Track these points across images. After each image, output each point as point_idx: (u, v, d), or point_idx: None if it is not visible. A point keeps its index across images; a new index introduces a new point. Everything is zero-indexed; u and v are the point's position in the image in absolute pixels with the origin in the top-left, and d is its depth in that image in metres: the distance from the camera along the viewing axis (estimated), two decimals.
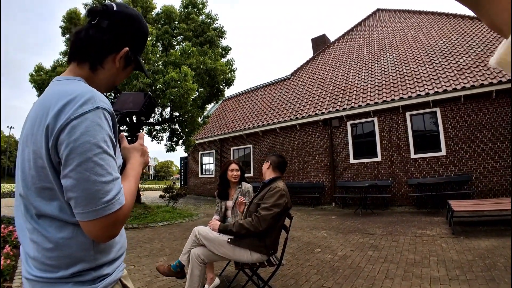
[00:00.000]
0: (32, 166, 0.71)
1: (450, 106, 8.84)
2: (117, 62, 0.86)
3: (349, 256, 4.20)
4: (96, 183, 0.67)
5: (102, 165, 0.68)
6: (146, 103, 1.00)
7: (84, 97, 0.70)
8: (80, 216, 0.68)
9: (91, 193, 0.66)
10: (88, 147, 0.66)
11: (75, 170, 0.65)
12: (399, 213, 8.14)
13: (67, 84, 0.77)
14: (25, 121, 0.79)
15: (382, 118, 10.14)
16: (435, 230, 5.62)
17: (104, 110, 0.72)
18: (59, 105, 0.68)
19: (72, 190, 0.66)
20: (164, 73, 8.73)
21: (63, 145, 0.66)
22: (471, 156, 8.34)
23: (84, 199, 0.66)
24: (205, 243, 2.51)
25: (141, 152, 0.94)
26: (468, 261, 3.69)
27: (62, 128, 0.66)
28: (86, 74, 0.82)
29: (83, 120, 0.67)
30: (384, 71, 11.81)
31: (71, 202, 0.68)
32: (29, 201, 0.73)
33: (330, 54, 16.68)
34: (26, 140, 0.74)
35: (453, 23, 12.96)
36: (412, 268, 3.56)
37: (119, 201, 0.71)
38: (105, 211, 0.68)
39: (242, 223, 2.42)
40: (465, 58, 9.80)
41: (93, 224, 0.68)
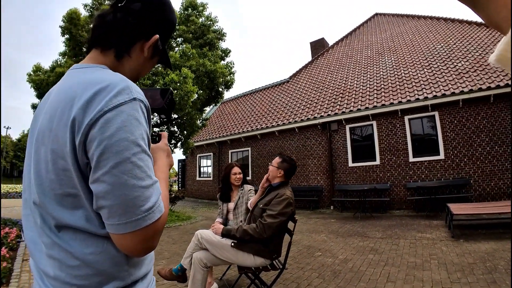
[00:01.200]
0: (51, 169, 0.60)
1: (449, 110, 8.89)
2: (145, 51, 0.76)
3: (350, 260, 4.19)
4: (135, 188, 0.57)
5: (141, 167, 0.58)
6: (169, 99, 0.92)
7: (118, 86, 0.60)
8: (115, 228, 0.57)
9: (129, 200, 0.56)
10: (125, 145, 0.56)
11: (110, 172, 0.55)
12: (398, 217, 8.15)
13: (92, 71, 0.66)
14: (36, 115, 0.70)
15: (381, 122, 10.17)
16: (434, 233, 5.63)
17: (141, 102, 0.62)
18: (88, 94, 0.58)
19: (105, 197, 0.56)
20: (164, 75, 8.73)
21: (94, 142, 0.55)
22: (470, 159, 8.38)
23: (120, 207, 0.56)
24: (208, 247, 2.49)
25: (167, 152, 0.86)
26: (469, 264, 3.70)
27: (93, 123, 0.56)
28: (110, 63, 0.73)
29: (118, 113, 0.57)
30: (382, 75, 11.87)
31: (102, 212, 0.58)
32: (47, 210, 0.61)
33: (329, 58, 16.75)
34: (42, 137, 0.62)
35: (451, 27, 13.07)
36: (413, 271, 3.55)
37: (159, 208, 0.61)
38: (146, 221, 0.58)
39: (246, 229, 2.39)
40: (463, 62, 9.87)
41: (131, 237, 0.58)
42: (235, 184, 3.31)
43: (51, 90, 0.70)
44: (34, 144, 0.65)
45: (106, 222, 0.58)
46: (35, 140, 0.64)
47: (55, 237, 0.61)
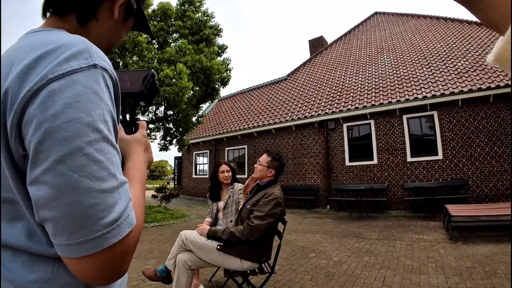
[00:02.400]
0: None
1: (448, 110, 8.77)
2: (115, 12, 0.60)
3: (345, 262, 4.05)
4: (92, 193, 0.40)
5: (101, 162, 0.41)
6: (149, 83, 0.76)
7: (73, 47, 0.44)
8: (64, 250, 0.40)
9: (83, 211, 0.39)
10: (77, 130, 0.40)
11: (54, 170, 0.38)
12: (395, 217, 8.03)
13: (46, 34, 0.49)
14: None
15: (379, 121, 10.04)
16: (432, 235, 5.50)
17: (105, 71, 0.46)
18: (30, 58, 0.42)
19: (48, 206, 0.39)
20: (159, 70, 8.54)
21: (31, 125, 0.39)
22: (468, 160, 8.26)
23: (70, 221, 0.39)
24: (193, 248, 2.34)
25: (145, 145, 0.69)
26: (468, 268, 3.57)
27: (31, 96, 0.40)
28: (72, 30, 0.55)
29: (69, 83, 0.41)
30: (381, 74, 11.73)
31: (46, 226, 0.41)
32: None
33: (327, 56, 16.61)
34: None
35: (451, 27, 12.95)
36: (410, 275, 3.42)
37: (128, 220, 0.44)
38: (109, 240, 0.41)
39: (233, 232, 2.24)
40: (463, 61, 9.75)
41: (89, 261, 0.41)
42: (224, 182, 3.16)
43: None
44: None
45: (53, 240, 0.41)
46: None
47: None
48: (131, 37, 8.17)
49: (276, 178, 2.61)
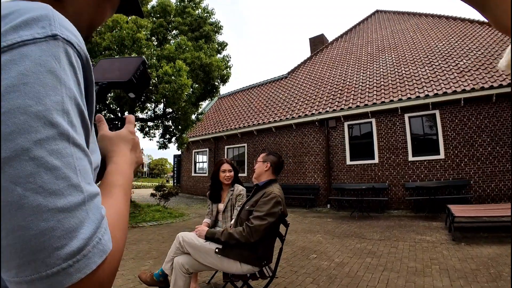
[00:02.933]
0: None
1: (450, 109, 8.68)
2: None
3: (347, 263, 3.97)
4: (44, 214, 0.29)
5: (56, 169, 0.30)
6: (139, 72, 0.66)
7: (28, 13, 0.33)
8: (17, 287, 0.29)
9: (31, 239, 0.28)
10: (22, 123, 0.29)
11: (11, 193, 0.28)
12: (397, 217, 7.95)
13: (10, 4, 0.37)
14: None
15: (380, 120, 9.95)
16: (434, 235, 5.42)
17: (69, 45, 0.35)
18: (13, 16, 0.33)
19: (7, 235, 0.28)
20: (158, 67, 8.43)
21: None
22: (470, 160, 8.18)
23: (15, 252, 0.28)
24: (190, 251, 2.25)
25: (132, 144, 0.58)
26: (472, 270, 3.49)
27: None
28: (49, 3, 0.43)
29: (16, 58, 0.30)
30: (383, 72, 11.63)
31: None
32: None
33: (328, 54, 16.49)
34: None
35: (453, 25, 12.84)
36: (413, 277, 3.34)
37: (100, 246, 0.33)
38: (72, 277, 0.30)
39: (232, 233, 2.14)
40: (465, 60, 9.65)
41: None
42: (224, 183, 3.02)
43: None
44: None
45: None
46: None
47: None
48: (130, 34, 8.05)
49: (275, 177, 2.52)
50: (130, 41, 8.07)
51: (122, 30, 7.94)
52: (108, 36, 7.95)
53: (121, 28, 7.97)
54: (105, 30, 8.19)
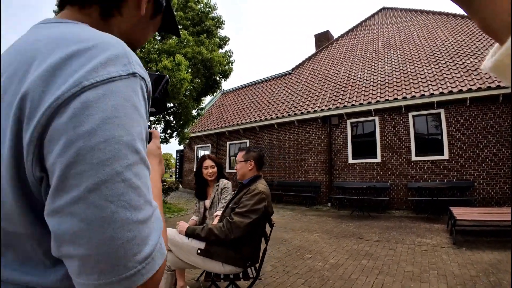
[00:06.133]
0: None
1: (455, 108, 8.47)
2: (143, 7, 0.54)
3: (341, 265, 3.86)
4: (129, 226, 0.34)
5: (138, 188, 0.36)
6: (163, 89, 0.67)
7: (110, 49, 0.37)
8: None
9: (118, 247, 0.33)
10: (116, 151, 0.34)
11: (86, 199, 0.32)
12: (397, 218, 7.80)
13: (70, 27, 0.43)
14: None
15: (384, 118, 9.76)
16: (435, 238, 5.28)
17: (143, 81, 0.40)
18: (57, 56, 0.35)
19: (74, 242, 0.32)
20: (158, 61, 8.34)
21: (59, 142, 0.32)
22: (475, 161, 7.98)
23: (103, 259, 0.33)
24: (172, 248, 2.16)
25: (159, 158, 0.63)
26: (471, 277, 3.35)
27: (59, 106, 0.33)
28: (93, 24, 0.47)
29: (107, 93, 0.35)
30: (387, 70, 11.41)
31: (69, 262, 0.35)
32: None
33: (333, 51, 16.26)
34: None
35: (460, 23, 12.53)
36: (410, 282, 3.22)
37: (161, 250, 0.39)
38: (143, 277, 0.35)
39: (212, 228, 2.04)
40: (472, 59, 9.41)
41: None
42: (208, 179, 2.93)
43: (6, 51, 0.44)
44: None
45: (76, 279, 0.34)
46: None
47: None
48: None
49: (259, 173, 2.41)
50: None
51: None
52: None
53: None
54: None
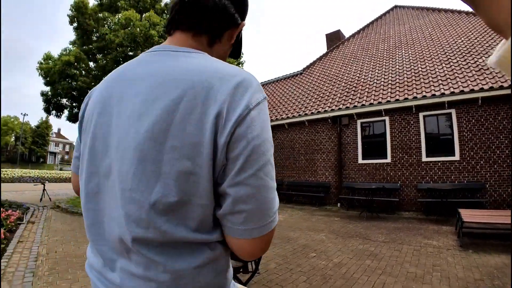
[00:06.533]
0: (169, 171, 0.50)
1: (467, 108, 8.35)
2: (233, 38, 0.72)
3: (345, 264, 3.93)
4: (272, 190, 0.55)
5: (273, 167, 0.57)
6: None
7: (253, 82, 0.56)
8: (248, 233, 0.54)
9: (268, 203, 0.54)
10: (268, 146, 0.54)
11: (256, 175, 0.52)
12: (406, 219, 7.77)
13: (206, 59, 0.59)
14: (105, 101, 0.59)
15: (394, 118, 9.70)
16: (442, 240, 5.27)
17: (266, 100, 0.59)
18: (230, 87, 0.52)
19: (247, 201, 0.52)
20: None
21: (241, 142, 0.51)
22: (486, 162, 7.86)
23: (259, 211, 0.53)
24: None
25: None
26: (475, 280, 3.37)
27: (240, 120, 0.51)
28: (203, 49, 0.65)
29: (259, 111, 0.54)
30: (398, 69, 11.31)
31: (237, 216, 0.53)
32: (151, 224, 0.51)
33: (344, 50, 16.18)
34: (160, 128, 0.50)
35: (473, 21, 12.27)
36: (411, 283, 3.27)
37: (279, 209, 0.61)
38: (273, 224, 0.56)
39: None
40: (484, 58, 9.22)
41: (258, 241, 0.55)
42: None
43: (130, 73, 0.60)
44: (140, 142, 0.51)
45: (238, 227, 0.54)
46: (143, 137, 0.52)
47: (154, 254, 0.52)
48: (143, 31, 8.20)
49: None
50: (142, 38, 8.23)
51: (135, 28, 8.10)
52: (121, 34, 8.13)
53: (133, 26, 8.13)
54: (119, 27, 8.37)
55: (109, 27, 9.54)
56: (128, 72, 0.60)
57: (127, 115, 0.54)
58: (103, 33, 8.81)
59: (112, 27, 8.97)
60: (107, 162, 0.57)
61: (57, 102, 10.23)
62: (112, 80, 0.62)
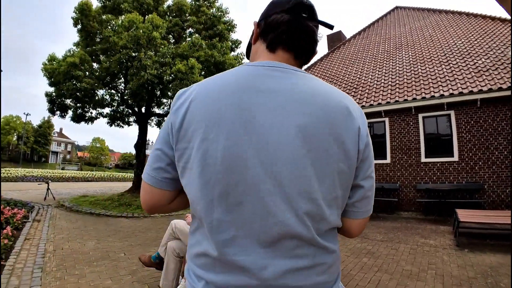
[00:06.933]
0: (330, 173, 0.61)
1: (465, 110, 8.44)
2: None
3: (342, 262, 4.05)
4: None
5: None
6: None
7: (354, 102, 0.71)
8: (367, 213, 0.72)
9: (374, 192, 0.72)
10: (373, 155, 0.70)
11: (373, 170, 0.70)
12: (405, 219, 7.88)
13: (319, 80, 0.70)
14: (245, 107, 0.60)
15: (394, 119, 9.80)
16: (439, 240, 5.37)
17: None
18: (355, 108, 0.68)
19: (371, 189, 0.69)
20: (172, 65, 8.69)
21: (368, 147, 0.67)
22: (485, 163, 7.95)
23: (373, 197, 0.72)
24: (181, 237, 2.46)
25: None
26: (469, 278, 3.47)
27: (366, 132, 0.67)
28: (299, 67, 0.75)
29: (366, 126, 0.70)
30: (398, 70, 11.40)
31: (364, 202, 0.70)
32: (320, 216, 0.60)
33: (345, 51, 16.27)
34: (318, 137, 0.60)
35: (473, 23, 12.36)
36: (406, 280, 3.38)
37: None
38: None
39: None
40: (484, 59, 9.32)
41: (365, 222, 0.73)
42: None
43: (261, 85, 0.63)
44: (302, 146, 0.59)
45: (362, 209, 0.70)
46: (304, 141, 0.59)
47: (325, 241, 0.63)
48: (146, 33, 8.33)
49: None
50: (145, 40, 8.36)
51: (138, 30, 8.23)
52: (125, 36, 8.26)
53: (137, 28, 8.26)
54: (122, 30, 8.51)
55: (113, 29, 9.69)
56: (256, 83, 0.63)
57: (278, 124, 0.59)
58: (107, 35, 8.95)
59: (115, 29, 9.11)
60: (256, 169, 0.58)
61: (61, 102, 10.39)
62: (227, 91, 0.62)
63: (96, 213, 7.86)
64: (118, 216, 7.65)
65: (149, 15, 9.39)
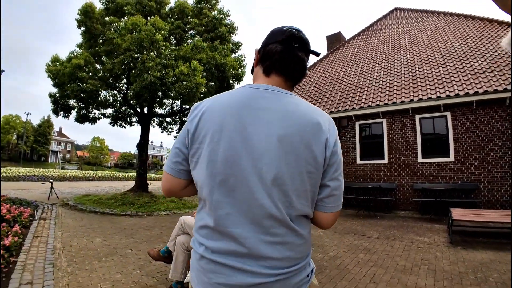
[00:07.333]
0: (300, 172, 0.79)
1: (462, 111, 8.63)
2: None
3: (339, 257, 4.23)
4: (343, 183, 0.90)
5: None
6: None
7: (331, 119, 0.89)
8: (335, 208, 0.88)
9: (342, 191, 0.89)
10: (341, 161, 0.87)
11: (341, 174, 0.87)
12: (402, 218, 8.07)
13: (302, 100, 0.87)
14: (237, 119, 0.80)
15: (391, 120, 9.99)
16: (433, 237, 5.56)
17: None
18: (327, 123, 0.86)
19: (337, 189, 0.86)
20: (174, 67, 8.86)
21: (335, 156, 0.84)
22: (480, 164, 8.14)
23: (341, 195, 0.88)
24: (189, 231, 2.64)
25: None
26: (460, 273, 3.65)
27: (335, 142, 0.84)
28: (289, 90, 0.92)
29: (337, 139, 0.87)
30: (396, 72, 11.58)
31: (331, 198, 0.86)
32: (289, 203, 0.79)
33: (344, 53, 16.45)
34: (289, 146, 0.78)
35: (471, 25, 12.54)
36: (399, 274, 3.56)
37: None
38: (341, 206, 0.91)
39: None
40: (480, 62, 9.50)
41: (335, 215, 0.90)
42: None
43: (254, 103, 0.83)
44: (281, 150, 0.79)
45: (330, 205, 0.87)
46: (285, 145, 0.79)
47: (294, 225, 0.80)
48: (149, 35, 8.49)
49: None
50: (148, 42, 8.53)
51: (141, 32, 8.40)
52: (128, 38, 8.43)
53: (140, 31, 8.42)
54: (125, 32, 8.67)
55: (116, 30, 9.86)
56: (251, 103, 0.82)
57: (264, 133, 0.78)
58: (110, 37, 9.12)
59: (119, 31, 9.28)
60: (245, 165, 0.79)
61: (65, 103, 10.56)
62: (230, 107, 0.82)
63: (100, 211, 8.02)
64: (122, 214, 7.81)
65: (152, 17, 9.56)
